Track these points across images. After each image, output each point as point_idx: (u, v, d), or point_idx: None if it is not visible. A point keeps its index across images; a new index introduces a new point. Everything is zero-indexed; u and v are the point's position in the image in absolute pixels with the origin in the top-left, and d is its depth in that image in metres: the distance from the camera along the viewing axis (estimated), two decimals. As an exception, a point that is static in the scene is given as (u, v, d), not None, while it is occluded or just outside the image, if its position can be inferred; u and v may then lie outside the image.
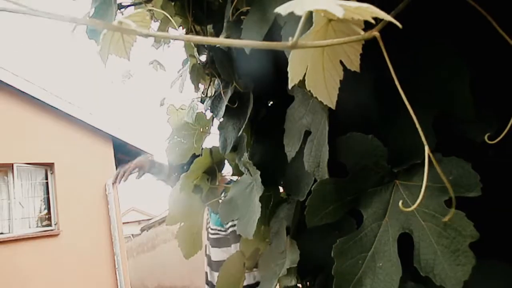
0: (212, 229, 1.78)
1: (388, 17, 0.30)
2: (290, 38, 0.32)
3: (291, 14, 0.54)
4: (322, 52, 0.41)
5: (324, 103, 0.46)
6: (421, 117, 0.41)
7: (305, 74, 0.41)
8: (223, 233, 1.72)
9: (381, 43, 0.37)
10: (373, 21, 0.32)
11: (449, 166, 0.46)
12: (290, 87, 0.41)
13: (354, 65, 0.43)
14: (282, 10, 0.29)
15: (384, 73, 0.54)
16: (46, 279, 5.53)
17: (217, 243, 1.74)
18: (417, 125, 0.37)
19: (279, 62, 0.76)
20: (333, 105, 0.45)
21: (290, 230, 0.78)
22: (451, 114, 0.51)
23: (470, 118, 0.50)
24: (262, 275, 0.80)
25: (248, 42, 0.34)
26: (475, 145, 0.51)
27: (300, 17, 0.30)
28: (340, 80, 0.44)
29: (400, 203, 0.46)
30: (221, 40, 0.32)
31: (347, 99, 0.50)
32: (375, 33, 0.37)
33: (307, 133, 0.64)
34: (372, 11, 0.30)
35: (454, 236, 0.44)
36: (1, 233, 5.56)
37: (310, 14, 0.35)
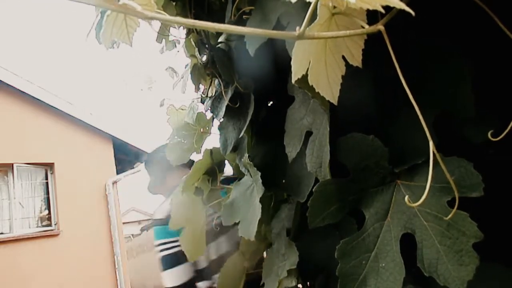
0: (158, 245, 1.53)
1: (401, 5, 0.29)
2: (297, 28, 0.32)
3: (294, 14, 0.54)
4: (324, 47, 0.40)
5: (326, 100, 0.45)
6: (423, 117, 0.41)
7: (307, 69, 0.40)
8: (173, 244, 1.48)
9: (385, 37, 0.37)
10: (382, 10, 0.31)
11: (451, 166, 0.46)
12: (293, 81, 0.40)
13: (356, 60, 0.43)
14: None
15: (385, 72, 0.54)
16: (46, 279, 5.52)
17: (168, 262, 1.48)
18: (422, 123, 0.37)
19: (279, 62, 0.76)
20: (335, 101, 0.45)
21: (290, 232, 0.78)
22: (452, 114, 0.51)
23: (471, 118, 0.50)
24: (265, 277, 0.80)
25: (255, 30, 0.33)
26: (476, 145, 0.51)
27: (304, 16, 0.29)
28: (342, 76, 0.43)
29: (406, 198, 0.46)
30: (228, 27, 0.32)
31: (348, 99, 0.50)
32: (380, 26, 0.36)
33: (308, 134, 0.64)
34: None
35: (457, 237, 0.43)
36: (1, 233, 5.56)
37: (315, 9, 0.35)
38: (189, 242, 1.05)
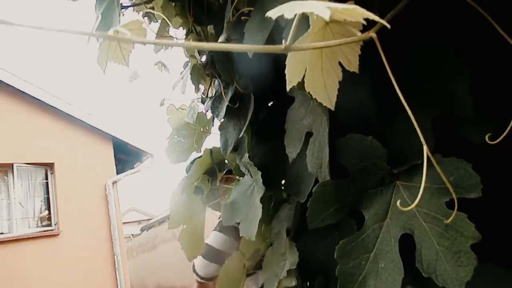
0: None
1: (374, 17, 0.30)
2: (283, 41, 0.32)
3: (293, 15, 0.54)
4: (320, 54, 0.41)
5: (324, 105, 0.46)
6: (421, 118, 0.41)
7: (303, 76, 0.41)
8: None
9: (378, 44, 0.37)
10: (364, 22, 0.32)
11: (450, 167, 0.46)
12: (288, 89, 0.41)
13: (353, 66, 0.43)
14: (272, 13, 0.29)
15: (384, 74, 0.54)
16: (46, 279, 5.52)
17: (222, 227, 1.55)
18: (416, 126, 0.37)
19: (279, 62, 0.76)
20: (332, 106, 0.46)
21: (290, 232, 0.78)
22: (450, 114, 0.52)
23: (470, 119, 0.50)
24: (265, 276, 0.80)
25: (242, 46, 0.34)
26: (475, 146, 0.52)
27: (302, 18, 0.30)
28: (339, 81, 0.44)
29: (398, 203, 0.46)
30: (215, 45, 0.33)
31: (347, 101, 0.50)
32: (372, 34, 0.37)
33: (308, 134, 0.65)
34: (359, 12, 0.30)
35: (455, 237, 0.44)
36: (1, 233, 5.56)
37: (306, 17, 0.35)
38: (188, 241, 1.05)
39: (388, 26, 0.30)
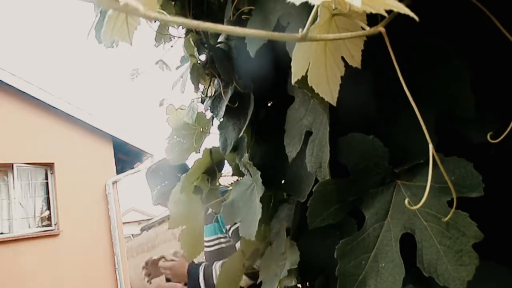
0: (208, 241, 1.61)
1: (405, 10, 0.29)
2: (300, 30, 0.32)
3: (294, 15, 0.54)
4: (324, 48, 0.40)
5: (325, 100, 0.45)
6: (423, 117, 0.41)
7: (307, 70, 0.40)
8: (224, 240, 1.56)
9: (386, 39, 0.36)
10: (386, 14, 0.31)
11: (451, 166, 0.46)
12: (293, 82, 0.40)
13: (356, 61, 0.43)
14: None
15: (385, 73, 0.53)
16: (46, 279, 5.52)
17: (221, 254, 1.54)
18: (422, 123, 0.37)
19: (279, 62, 0.76)
20: (334, 102, 0.45)
21: (290, 231, 0.78)
22: (452, 114, 0.51)
23: (471, 118, 0.50)
24: (264, 276, 0.80)
25: (257, 32, 0.33)
26: (477, 146, 0.51)
27: (304, 16, 0.29)
28: (341, 76, 0.43)
29: (406, 201, 0.46)
30: (232, 29, 0.32)
31: (348, 99, 0.50)
32: (380, 28, 0.36)
33: (308, 134, 0.64)
34: (387, 3, 0.29)
35: (457, 237, 0.43)
36: (1, 233, 5.56)
37: (317, 11, 0.35)
38: (187, 241, 1.05)
39: (417, 18, 0.29)
